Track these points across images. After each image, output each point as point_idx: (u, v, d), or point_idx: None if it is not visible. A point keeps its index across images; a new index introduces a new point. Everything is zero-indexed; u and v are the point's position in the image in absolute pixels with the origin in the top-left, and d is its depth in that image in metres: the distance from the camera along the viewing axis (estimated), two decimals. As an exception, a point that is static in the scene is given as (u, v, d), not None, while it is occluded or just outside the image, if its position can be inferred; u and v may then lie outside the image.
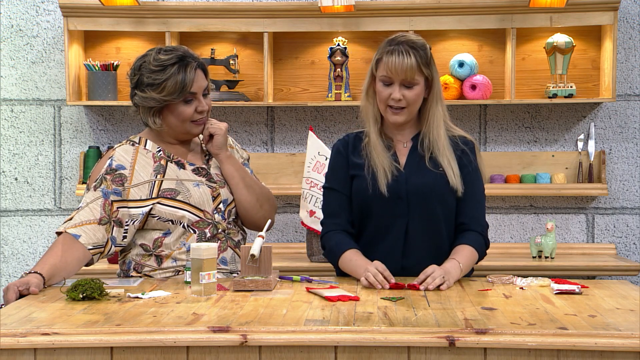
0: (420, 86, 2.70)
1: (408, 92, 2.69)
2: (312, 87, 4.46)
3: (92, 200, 2.70)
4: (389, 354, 1.98)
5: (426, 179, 2.71)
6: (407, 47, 2.68)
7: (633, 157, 4.40)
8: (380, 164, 2.73)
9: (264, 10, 4.23)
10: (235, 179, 2.84)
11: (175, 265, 2.76)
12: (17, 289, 2.42)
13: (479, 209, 2.79)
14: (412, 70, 2.66)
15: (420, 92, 2.71)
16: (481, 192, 2.80)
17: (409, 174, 2.73)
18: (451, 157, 2.73)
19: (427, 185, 2.70)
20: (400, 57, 2.66)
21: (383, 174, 2.71)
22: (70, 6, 4.22)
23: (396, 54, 2.67)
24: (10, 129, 4.47)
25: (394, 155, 2.77)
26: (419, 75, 2.68)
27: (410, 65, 2.66)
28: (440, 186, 2.71)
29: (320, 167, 3.97)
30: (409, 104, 2.70)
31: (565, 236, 4.43)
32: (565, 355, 1.95)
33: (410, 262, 2.72)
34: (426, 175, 2.72)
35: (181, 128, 2.78)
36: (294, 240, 4.51)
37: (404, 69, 2.66)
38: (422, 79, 2.70)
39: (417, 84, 2.69)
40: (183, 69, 2.71)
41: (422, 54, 2.68)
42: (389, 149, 2.77)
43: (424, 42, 2.73)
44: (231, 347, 1.99)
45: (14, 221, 4.48)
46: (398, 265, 2.72)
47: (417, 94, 2.70)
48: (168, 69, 2.71)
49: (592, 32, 4.34)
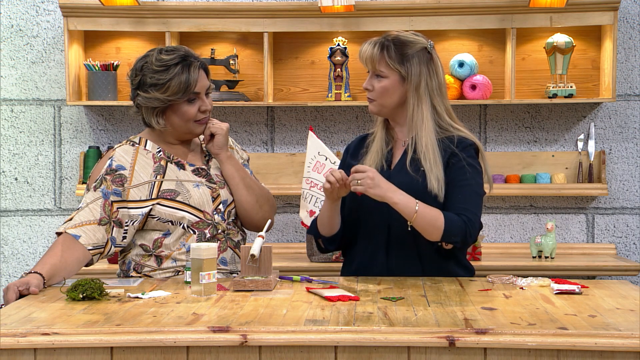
0: (390, 80, 2.69)
1: (376, 83, 2.71)
2: (312, 87, 4.46)
3: (92, 200, 2.70)
4: (389, 354, 1.98)
5: (406, 181, 2.65)
6: (382, 39, 2.71)
7: (633, 157, 4.40)
8: (369, 160, 2.74)
9: (264, 10, 4.23)
10: (236, 179, 2.84)
11: (175, 265, 2.76)
12: (17, 289, 2.42)
13: (467, 202, 2.64)
14: (371, 60, 2.69)
15: (390, 86, 2.69)
16: (472, 186, 2.67)
17: (392, 174, 2.70)
18: (435, 160, 2.65)
19: (406, 187, 2.62)
20: (365, 46, 2.72)
21: None
22: (70, 6, 4.22)
23: (367, 44, 2.72)
24: (10, 129, 4.47)
25: (389, 154, 2.76)
26: (385, 68, 2.68)
27: (369, 55, 2.69)
28: (417, 189, 2.63)
29: (320, 167, 3.97)
30: (377, 96, 2.71)
31: (565, 236, 4.43)
32: (565, 355, 1.95)
33: (395, 263, 2.71)
34: (406, 176, 2.67)
35: (184, 128, 2.78)
36: (294, 240, 4.51)
37: (364, 57, 2.71)
38: (393, 73, 2.68)
39: (384, 76, 2.69)
40: (186, 69, 2.72)
41: (394, 49, 2.68)
42: (388, 146, 2.77)
43: (412, 40, 2.70)
44: (231, 347, 1.99)
45: (14, 221, 4.48)
46: (384, 267, 2.72)
47: (384, 87, 2.69)
48: (171, 69, 2.71)
49: (592, 32, 4.34)
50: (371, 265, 2.74)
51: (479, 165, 2.73)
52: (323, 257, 4.08)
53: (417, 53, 2.69)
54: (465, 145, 2.71)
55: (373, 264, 2.73)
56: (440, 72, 2.73)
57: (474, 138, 2.75)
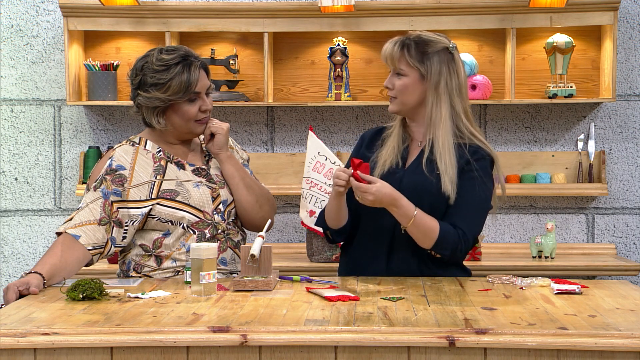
0: (410, 79, 2.69)
1: (397, 81, 2.71)
2: (312, 87, 4.46)
3: (92, 200, 2.70)
4: (389, 354, 1.98)
5: (419, 181, 2.66)
6: (404, 38, 2.71)
7: (633, 157, 4.40)
8: (384, 155, 2.73)
9: (264, 10, 4.23)
10: (236, 179, 2.84)
11: (175, 265, 2.76)
12: (17, 289, 2.42)
13: (468, 216, 2.66)
14: (392, 59, 2.70)
15: (409, 84, 2.69)
16: (477, 200, 2.67)
17: (406, 174, 2.71)
18: (451, 162, 2.64)
19: (419, 187, 2.64)
20: (387, 45, 2.73)
21: (381, 165, 2.71)
22: (70, 6, 4.22)
23: (389, 42, 2.73)
24: (10, 129, 4.47)
25: (405, 152, 2.75)
26: (405, 66, 2.68)
27: (390, 53, 2.70)
28: (431, 190, 2.64)
29: (320, 167, 3.97)
30: (398, 94, 2.71)
31: (565, 236, 4.43)
32: (565, 355, 1.95)
33: (396, 263, 2.70)
34: (421, 177, 2.67)
35: (185, 128, 2.78)
36: (294, 240, 4.51)
37: (385, 55, 2.72)
38: (413, 71, 2.68)
39: (404, 74, 2.69)
40: (187, 69, 2.72)
41: (415, 48, 2.68)
42: (404, 143, 2.76)
43: (433, 39, 2.70)
44: (231, 347, 1.99)
45: (14, 221, 4.48)
46: (383, 266, 2.72)
47: (404, 85, 2.69)
48: (172, 69, 2.71)
49: (592, 32, 4.34)
50: (370, 264, 2.74)
51: (491, 179, 2.72)
52: (323, 257, 4.08)
53: (438, 52, 2.69)
54: (480, 157, 2.69)
55: (372, 263, 2.73)
56: (461, 73, 2.72)
57: (490, 148, 2.74)
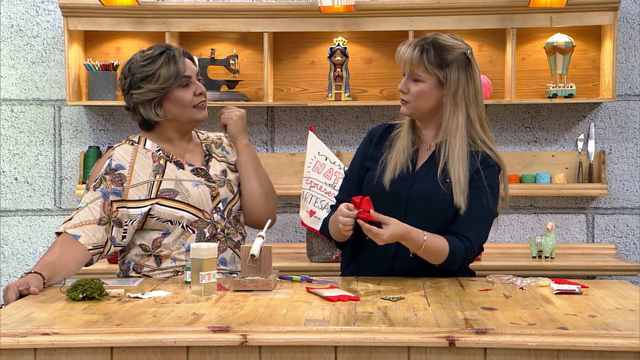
0: (427, 85, 2.64)
1: (413, 86, 2.66)
2: (312, 87, 4.46)
3: (91, 200, 2.70)
4: (389, 354, 1.98)
5: (431, 188, 2.64)
6: (421, 42, 2.65)
7: (633, 157, 4.40)
8: (395, 157, 2.69)
9: (264, 10, 4.23)
10: (249, 168, 2.86)
11: (175, 265, 2.76)
12: (17, 289, 2.42)
13: (475, 226, 2.65)
14: (410, 63, 2.63)
15: (427, 90, 2.64)
16: (484, 210, 2.65)
17: (417, 179, 2.67)
18: (463, 172, 2.61)
19: (430, 195, 2.63)
20: (404, 48, 2.66)
21: (392, 168, 2.67)
22: (70, 6, 4.22)
23: (405, 46, 2.67)
24: (10, 129, 4.47)
25: (415, 154, 2.72)
26: (423, 72, 2.63)
27: (408, 58, 2.64)
28: (442, 199, 2.62)
29: (320, 167, 3.97)
30: (412, 99, 2.66)
31: (565, 236, 4.43)
32: (565, 355, 1.95)
33: (400, 266, 2.69)
34: (432, 184, 2.64)
35: (185, 116, 2.79)
36: (294, 240, 4.51)
37: (403, 60, 2.66)
38: (431, 78, 2.63)
39: (422, 80, 2.64)
40: (172, 57, 2.76)
41: (434, 53, 2.62)
42: (413, 145, 2.72)
43: (451, 45, 2.65)
44: (231, 347, 1.99)
45: (14, 221, 4.48)
46: (387, 267, 2.71)
47: (421, 91, 2.64)
48: (157, 59, 2.75)
49: (592, 32, 4.34)
50: (374, 266, 2.73)
51: (498, 186, 2.71)
52: (323, 257, 4.08)
53: (457, 58, 2.64)
54: (488, 165, 2.67)
55: (376, 265, 2.72)
56: (477, 79, 2.68)
57: (499, 157, 2.72)
